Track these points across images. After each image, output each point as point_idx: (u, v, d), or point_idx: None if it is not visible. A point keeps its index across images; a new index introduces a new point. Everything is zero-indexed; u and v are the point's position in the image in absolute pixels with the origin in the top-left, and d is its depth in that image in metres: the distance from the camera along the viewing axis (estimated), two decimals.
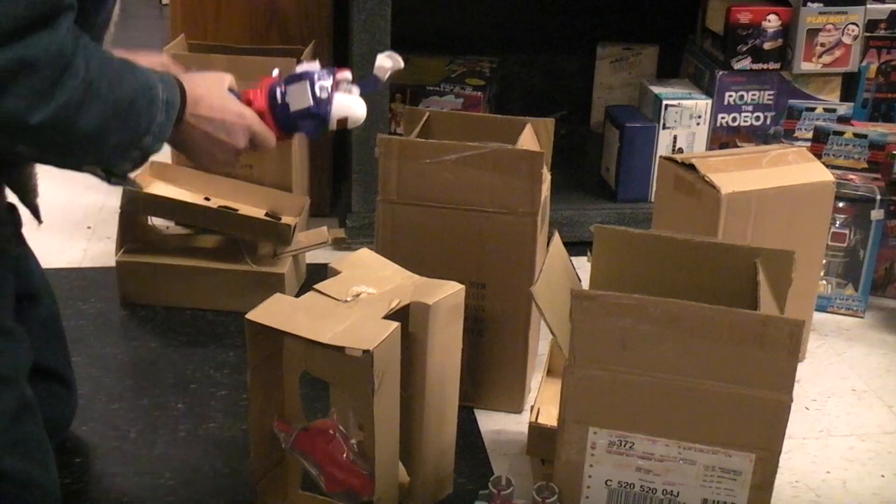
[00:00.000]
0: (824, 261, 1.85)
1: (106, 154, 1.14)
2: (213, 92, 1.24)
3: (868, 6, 2.11)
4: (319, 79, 1.31)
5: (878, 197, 1.86)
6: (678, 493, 1.22)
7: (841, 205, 1.85)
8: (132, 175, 1.19)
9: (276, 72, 1.33)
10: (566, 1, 2.46)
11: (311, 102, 1.29)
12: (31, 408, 1.23)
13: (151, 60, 1.27)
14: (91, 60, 1.06)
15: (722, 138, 2.17)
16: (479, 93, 2.19)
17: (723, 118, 2.16)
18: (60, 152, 1.11)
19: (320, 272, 1.42)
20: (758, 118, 2.16)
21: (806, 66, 2.12)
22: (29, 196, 1.26)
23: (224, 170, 1.30)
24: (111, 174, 1.18)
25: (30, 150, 1.09)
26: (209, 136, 1.23)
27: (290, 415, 1.32)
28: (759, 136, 2.17)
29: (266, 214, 1.89)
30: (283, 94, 1.29)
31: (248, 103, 1.28)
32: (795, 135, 2.06)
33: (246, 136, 1.26)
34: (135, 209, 1.86)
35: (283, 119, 1.30)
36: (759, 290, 1.24)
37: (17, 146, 1.07)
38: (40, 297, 1.41)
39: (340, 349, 1.18)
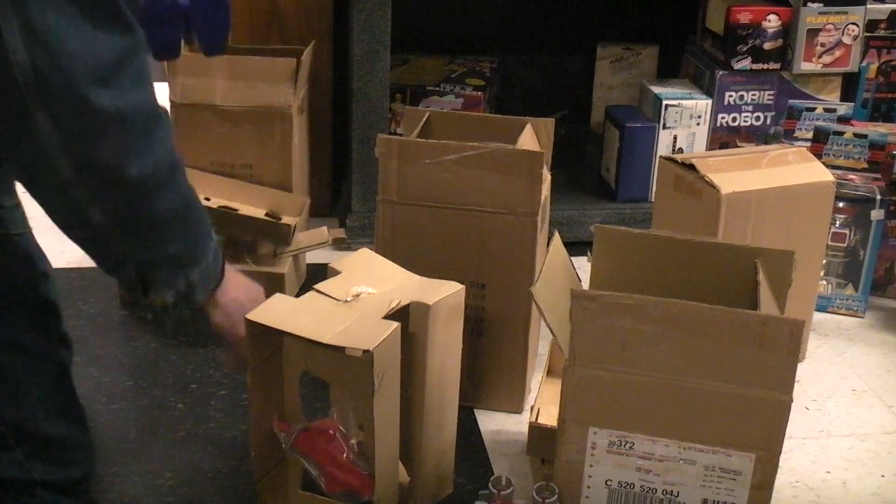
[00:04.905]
0: (824, 261, 1.85)
1: (160, 257, 1.13)
2: (241, 283, 1.28)
3: (868, 6, 2.11)
4: None
5: (878, 197, 1.86)
6: (678, 493, 1.22)
7: (841, 205, 1.85)
8: (168, 303, 1.19)
9: None
10: (566, 1, 2.46)
11: None
12: (67, 371, 1.26)
13: None
14: (171, 140, 1.07)
15: (722, 138, 2.17)
16: (479, 93, 2.19)
17: (723, 118, 2.16)
18: (127, 229, 1.08)
19: (320, 272, 1.42)
20: (758, 118, 2.16)
21: (806, 66, 2.12)
22: None
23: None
24: (148, 291, 1.16)
25: (104, 215, 1.05)
26: (239, 307, 1.25)
27: (290, 415, 1.32)
28: (759, 136, 2.17)
29: (266, 214, 1.89)
30: None
31: None
32: (795, 135, 2.06)
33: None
34: None
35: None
36: (759, 290, 1.24)
37: (96, 205, 1.04)
38: (49, 272, 1.38)
39: (340, 349, 1.18)
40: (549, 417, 1.39)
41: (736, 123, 2.16)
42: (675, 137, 2.15)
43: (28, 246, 1.24)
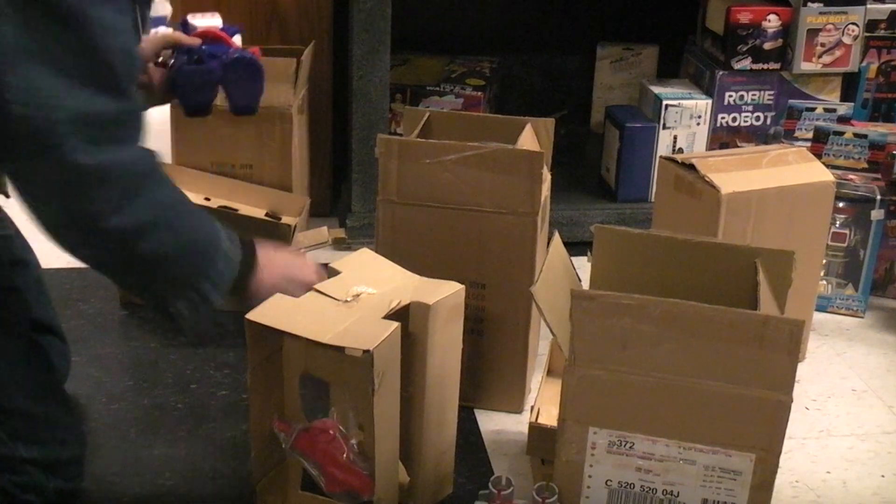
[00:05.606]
0: (824, 261, 1.85)
1: (160, 285, 1.20)
2: (277, 259, 1.32)
3: (868, 6, 2.11)
4: None
5: (878, 197, 1.86)
6: (678, 493, 1.22)
7: (841, 205, 1.85)
8: (189, 318, 1.25)
9: None
10: (566, 1, 2.46)
11: None
12: (42, 352, 1.32)
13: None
14: (162, 188, 1.15)
15: (722, 138, 2.17)
16: (479, 93, 2.19)
17: (723, 118, 2.16)
18: (119, 269, 1.19)
19: None
20: (758, 118, 2.16)
21: (806, 66, 2.12)
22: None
23: None
24: (166, 311, 1.23)
25: (91, 256, 1.16)
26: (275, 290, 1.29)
27: (290, 415, 1.32)
28: (759, 136, 2.17)
29: (266, 214, 1.89)
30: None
31: None
32: (795, 135, 2.06)
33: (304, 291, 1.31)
34: None
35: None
36: (759, 290, 1.24)
37: (82, 250, 1.14)
38: (29, 260, 1.48)
39: (340, 349, 1.18)
40: (549, 417, 1.39)
41: (736, 123, 2.16)
42: (675, 137, 2.15)
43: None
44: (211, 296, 1.22)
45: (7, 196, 1.32)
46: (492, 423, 1.58)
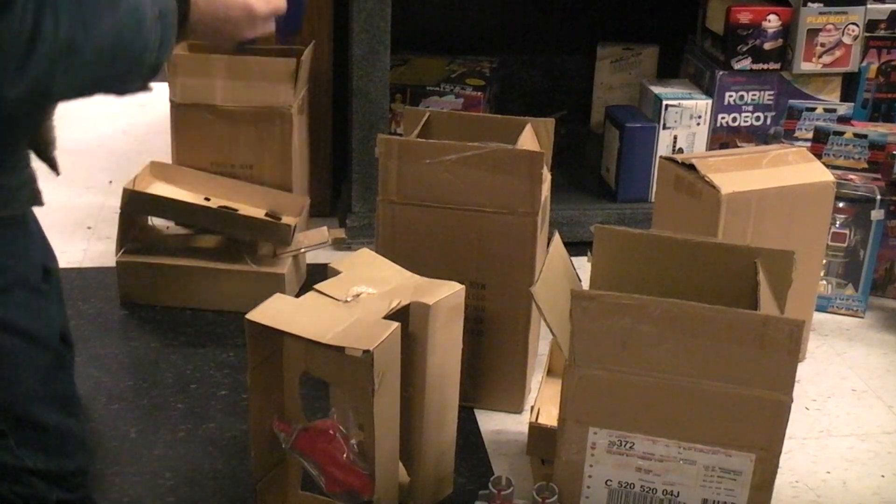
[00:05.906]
0: (824, 261, 1.85)
1: (104, 86, 1.14)
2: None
3: (868, 6, 2.11)
4: None
5: (878, 197, 1.86)
6: (678, 493, 1.22)
7: (841, 205, 1.85)
8: (147, 85, 1.19)
9: None
10: (566, 1, 2.46)
11: None
12: (64, 364, 1.28)
13: None
14: (61, 18, 1.04)
15: (722, 138, 2.17)
16: (479, 93, 2.19)
17: (723, 118, 2.16)
18: (51, 101, 1.14)
19: (320, 272, 1.42)
20: (758, 118, 2.16)
21: (806, 66, 2.12)
22: (47, 149, 1.28)
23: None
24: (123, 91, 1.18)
25: (20, 107, 1.10)
26: (216, 31, 1.22)
27: (290, 415, 1.32)
28: (759, 136, 2.17)
29: (266, 214, 1.89)
30: None
31: None
32: (795, 135, 2.06)
33: (252, 27, 1.24)
34: (135, 209, 1.86)
35: None
36: (759, 290, 1.24)
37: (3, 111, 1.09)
38: (56, 266, 1.40)
39: (340, 349, 1.18)
40: (549, 417, 1.39)
41: (736, 123, 2.16)
42: (675, 137, 2.15)
43: (24, 232, 1.26)
44: (160, 60, 1.14)
45: (58, 173, 1.30)
46: (492, 423, 1.58)
